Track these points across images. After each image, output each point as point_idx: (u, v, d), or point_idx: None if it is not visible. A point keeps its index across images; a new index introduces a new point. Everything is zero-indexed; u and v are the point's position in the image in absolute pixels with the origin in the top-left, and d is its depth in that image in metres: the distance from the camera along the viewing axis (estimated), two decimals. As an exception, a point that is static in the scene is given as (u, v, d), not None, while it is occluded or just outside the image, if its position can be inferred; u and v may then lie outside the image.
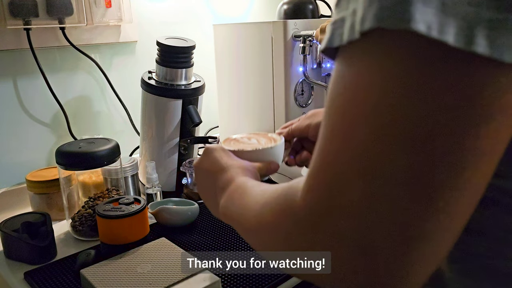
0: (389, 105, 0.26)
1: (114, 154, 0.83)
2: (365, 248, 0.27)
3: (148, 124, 1.00)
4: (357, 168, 0.27)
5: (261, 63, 1.01)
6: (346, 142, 0.28)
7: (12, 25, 0.95)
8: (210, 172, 0.53)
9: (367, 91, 0.27)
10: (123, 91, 1.17)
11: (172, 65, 0.96)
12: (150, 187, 0.92)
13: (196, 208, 0.86)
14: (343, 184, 0.28)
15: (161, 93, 0.96)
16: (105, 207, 0.75)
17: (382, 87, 0.26)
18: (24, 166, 1.02)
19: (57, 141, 1.08)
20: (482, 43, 0.23)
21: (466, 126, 0.25)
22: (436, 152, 0.25)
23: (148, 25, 1.21)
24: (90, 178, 0.91)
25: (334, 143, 0.29)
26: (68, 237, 0.85)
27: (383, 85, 0.26)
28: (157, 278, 0.63)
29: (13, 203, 0.98)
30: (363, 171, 0.27)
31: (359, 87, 0.27)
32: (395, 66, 0.26)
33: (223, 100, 1.17)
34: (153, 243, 0.74)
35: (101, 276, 0.64)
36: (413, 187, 0.26)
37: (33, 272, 0.72)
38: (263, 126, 1.06)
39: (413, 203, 0.26)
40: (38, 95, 1.05)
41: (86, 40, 1.09)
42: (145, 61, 1.18)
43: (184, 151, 1.00)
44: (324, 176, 0.29)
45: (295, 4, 1.08)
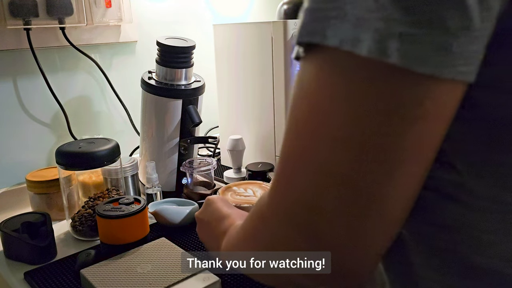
0: (319, 111, 0.30)
1: (114, 154, 0.83)
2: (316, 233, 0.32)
3: (148, 124, 1.00)
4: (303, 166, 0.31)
5: (261, 63, 1.01)
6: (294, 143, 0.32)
7: (12, 25, 0.95)
8: (212, 220, 0.59)
9: (305, 98, 0.31)
10: (123, 91, 1.17)
11: (172, 65, 0.96)
12: (150, 187, 0.92)
13: (196, 208, 0.86)
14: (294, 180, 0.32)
15: (161, 93, 0.96)
16: (105, 207, 0.75)
17: (314, 94, 0.30)
18: (24, 166, 1.02)
19: (57, 141, 1.08)
20: (395, 54, 0.25)
21: (387, 130, 0.27)
22: (361, 153, 0.28)
23: (148, 25, 1.21)
24: (90, 178, 0.91)
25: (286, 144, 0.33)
26: (68, 237, 0.85)
27: (315, 93, 0.30)
28: (157, 278, 0.63)
29: (13, 203, 0.98)
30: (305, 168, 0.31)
31: (301, 94, 0.31)
32: (322, 76, 0.29)
33: (223, 100, 1.17)
34: (153, 243, 0.74)
35: (101, 276, 0.64)
36: (347, 181, 0.29)
37: (33, 272, 0.72)
38: (263, 126, 1.06)
39: (350, 195, 0.29)
40: (38, 95, 1.05)
41: (86, 40, 1.09)
42: (145, 61, 1.18)
43: (184, 151, 1.00)
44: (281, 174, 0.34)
45: (295, 4, 1.08)
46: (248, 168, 1.00)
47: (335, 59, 0.28)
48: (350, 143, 0.28)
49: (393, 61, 0.25)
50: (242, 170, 1.09)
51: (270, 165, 1.00)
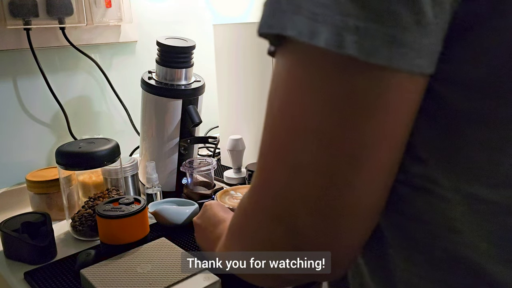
0: (284, 101, 0.31)
1: (114, 154, 0.83)
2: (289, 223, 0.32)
3: (148, 124, 1.00)
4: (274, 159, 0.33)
5: (261, 63, 1.01)
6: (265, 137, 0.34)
7: (12, 25, 0.95)
8: (209, 225, 0.62)
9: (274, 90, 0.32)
10: (123, 91, 1.17)
11: (172, 65, 0.96)
12: (150, 187, 0.92)
13: (196, 208, 0.86)
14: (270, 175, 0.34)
15: (161, 93, 0.96)
16: (105, 207, 0.75)
17: (281, 87, 0.31)
18: (24, 166, 1.03)
19: (57, 141, 1.08)
20: (352, 46, 0.26)
21: (350, 121, 0.28)
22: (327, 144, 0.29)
23: (148, 25, 1.21)
24: (90, 178, 0.91)
25: (263, 138, 0.35)
26: (68, 237, 0.85)
27: (281, 83, 0.31)
28: (157, 278, 0.63)
29: (13, 203, 0.98)
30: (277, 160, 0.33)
31: (272, 86, 0.33)
32: (286, 69, 0.31)
33: (223, 100, 1.17)
34: (153, 243, 0.74)
35: (101, 276, 0.64)
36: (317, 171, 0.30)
37: (33, 272, 0.72)
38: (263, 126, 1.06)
39: (322, 185, 0.30)
40: (38, 95, 1.05)
41: (86, 40, 1.09)
42: (145, 61, 1.18)
43: (184, 151, 1.00)
44: (258, 169, 0.35)
45: (295, 4, 1.08)
46: (248, 168, 1.00)
47: (295, 51, 0.30)
48: (315, 134, 0.30)
49: (350, 52, 0.26)
50: (242, 170, 1.09)
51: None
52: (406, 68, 0.27)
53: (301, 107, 0.30)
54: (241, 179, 1.07)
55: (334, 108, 0.29)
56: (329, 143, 0.29)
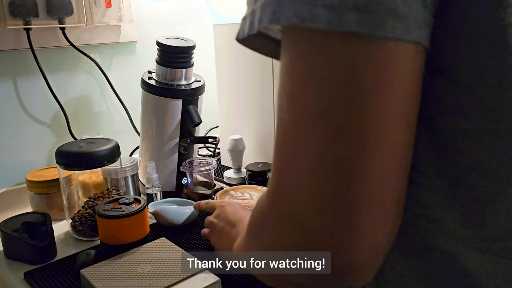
0: (289, 92, 0.31)
1: (114, 154, 0.83)
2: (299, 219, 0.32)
3: (148, 124, 1.00)
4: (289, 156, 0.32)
5: (261, 63, 1.01)
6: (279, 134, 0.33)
7: (12, 25, 0.95)
8: (226, 224, 0.63)
9: (282, 84, 0.32)
10: (123, 91, 1.17)
11: (172, 65, 0.96)
12: (150, 187, 0.92)
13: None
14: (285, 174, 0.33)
15: (161, 93, 0.96)
16: (105, 207, 0.75)
17: (288, 78, 0.31)
18: (24, 166, 1.03)
19: (57, 141, 1.08)
20: (354, 24, 0.27)
21: (356, 98, 0.28)
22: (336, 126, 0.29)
23: (148, 25, 1.21)
24: (90, 178, 0.91)
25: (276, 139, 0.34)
26: (68, 237, 0.85)
27: (288, 72, 0.31)
28: (157, 278, 0.63)
29: (13, 203, 0.98)
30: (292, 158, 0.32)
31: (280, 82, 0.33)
32: (289, 55, 0.31)
33: (223, 100, 1.17)
34: (153, 243, 0.74)
35: (101, 276, 0.64)
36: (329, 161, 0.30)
37: (33, 272, 0.72)
38: (263, 126, 1.06)
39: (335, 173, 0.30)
40: (38, 95, 1.05)
41: (86, 40, 1.09)
42: (145, 61, 1.18)
43: (184, 151, 1.00)
44: (274, 170, 0.35)
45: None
46: (248, 168, 1.00)
47: (297, 37, 0.30)
48: (323, 120, 0.29)
49: (353, 29, 0.27)
50: (242, 170, 1.09)
51: (270, 165, 0.99)
52: (409, 39, 0.28)
53: (307, 94, 0.30)
54: (241, 179, 1.07)
55: (340, 89, 0.29)
56: (337, 128, 0.29)
